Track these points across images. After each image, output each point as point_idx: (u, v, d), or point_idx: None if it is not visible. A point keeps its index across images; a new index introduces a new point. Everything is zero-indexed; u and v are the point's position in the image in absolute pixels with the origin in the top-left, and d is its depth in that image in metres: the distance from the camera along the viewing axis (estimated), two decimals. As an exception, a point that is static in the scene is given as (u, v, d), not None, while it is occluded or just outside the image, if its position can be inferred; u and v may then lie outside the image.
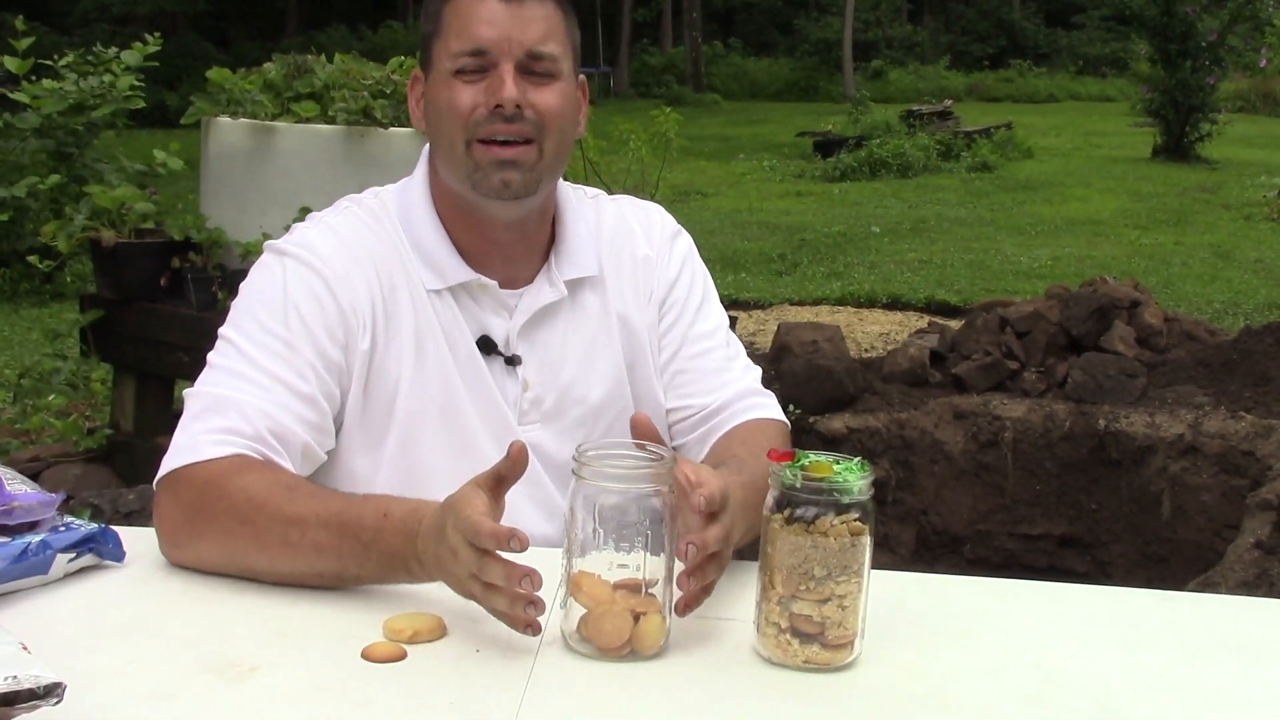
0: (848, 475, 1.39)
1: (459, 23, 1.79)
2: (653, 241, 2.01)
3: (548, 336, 1.91)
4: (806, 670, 1.40)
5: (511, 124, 1.78)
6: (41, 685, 1.17)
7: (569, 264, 1.92)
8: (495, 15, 1.78)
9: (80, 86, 7.24)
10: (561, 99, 1.82)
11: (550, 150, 1.82)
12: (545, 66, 1.80)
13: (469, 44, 1.78)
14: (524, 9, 1.79)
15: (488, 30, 1.77)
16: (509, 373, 1.89)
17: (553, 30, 1.82)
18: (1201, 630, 1.61)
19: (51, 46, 8.35)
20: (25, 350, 7.15)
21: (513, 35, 1.77)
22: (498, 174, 1.79)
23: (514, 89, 1.76)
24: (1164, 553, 4.67)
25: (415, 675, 1.36)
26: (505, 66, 1.77)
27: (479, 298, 1.88)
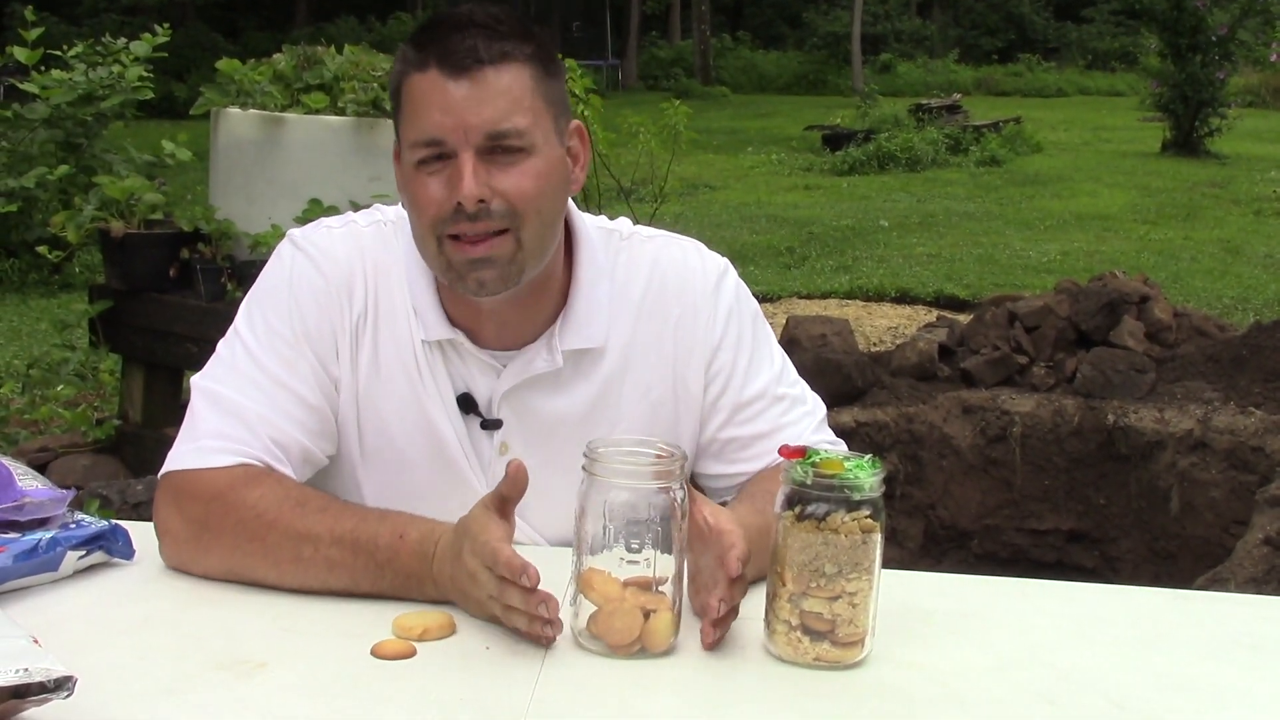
0: (859, 472, 1.39)
1: (412, 108, 1.66)
2: (690, 300, 1.85)
3: (540, 403, 1.80)
4: (817, 668, 1.40)
5: (477, 221, 1.63)
6: (52, 679, 1.17)
7: (573, 334, 1.79)
8: (448, 100, 1.62)
9: (89, 77, 7.23)
10: (535, 178, 1.65)
11: (530, 237, 1.67)
12: (511, 144, 1.63)
13: (423, 134, 1.63)
14: (476, 83, 1.62)
15: (441, 117, 1.62)
16: (485, 436, 1.80)
17: (518, 100, 1.64)
18: (1212, 628, 1.60)
19: (60, 37, 8.36)
20: (34, 341, 7.16)
21: (468, 120, 1.61)
22: (472, 274, 1.66)
23: (473, 184, 1.61)
24: (1172, 548, 4.67)
25: (425, 673, 1.35)
26: (464, 157, 1.62)
27: (462, 354, 1.78)
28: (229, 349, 1.75)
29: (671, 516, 1.40)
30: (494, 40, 1.63)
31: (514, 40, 1.65)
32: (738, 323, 1.87)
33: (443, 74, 1.62)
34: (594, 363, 1.81)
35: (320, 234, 1.81)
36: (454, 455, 1.79)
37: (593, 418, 1.80)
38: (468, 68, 1.61)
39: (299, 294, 1.75)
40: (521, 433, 1.79)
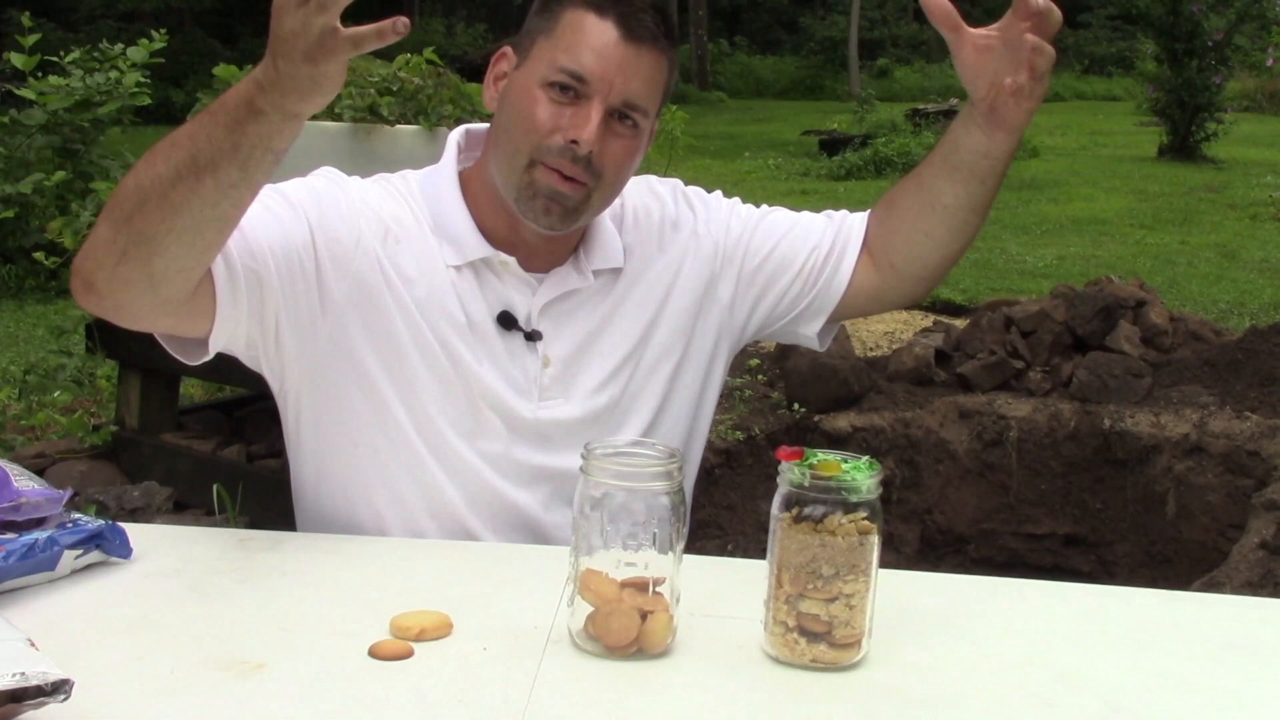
0: (856, 474, 1.39)
1: (571, 37, 1.76)
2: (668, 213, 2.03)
3: (571, 318, 1.92)
4: (814, 669, 1.40)
5: (576, 164, 1.75)
6: (49, 682, 1.17)
7: (599, 256, 1.93)
8: (609, 49, 1.75)
9: (86, 83, 7.24)
10: (631, 155, 1.81)
11: (599, 197, 1.81)
12: (632, 119, 1.79)
13: (573, 65, 1.74)
14: (639, 54, 1.76)
15: (596, 62, 1.74)
16: (529, 348, 1.88)
17: (655, 84, 1.80)
18: (1208, 630, 1.61)
19: (58, 43, 8.37)
20: (31, 347, 7.15)
21: (617, 79, 1.75)
22: (544, 200, 1.77)
23: (595, 133, 1.74)
24: (1169, 552, 4.67)
25: (422, 673, 1.36)
26: (596, 105, 1.74)
27: (500, 274, 1.87)
28: None
29: (669, 517, 1.40)
30: (665, 27, 1.79)
31: (669, 33, 1.82)
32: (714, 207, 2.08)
33: (619, 29, 1.75)
34: (613, 283, 1.96)
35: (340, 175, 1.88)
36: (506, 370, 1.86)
37: (615, 333, 1.94)
38: (640, 37, 1.76)
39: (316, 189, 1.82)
40: (558, 344, 1.89)
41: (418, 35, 29.55)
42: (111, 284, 1.59)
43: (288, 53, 1.41)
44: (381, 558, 1.72)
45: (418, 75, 4.92)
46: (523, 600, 1.55)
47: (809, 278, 2.02)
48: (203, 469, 4.48)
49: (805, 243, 2.02)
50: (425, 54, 5.15)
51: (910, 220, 1.96)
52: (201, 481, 4.37)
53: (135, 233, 1.54)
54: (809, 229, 2.04)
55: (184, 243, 1.54)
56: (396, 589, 1.57)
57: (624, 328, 1.95)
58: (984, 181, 1.86)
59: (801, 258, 2.01)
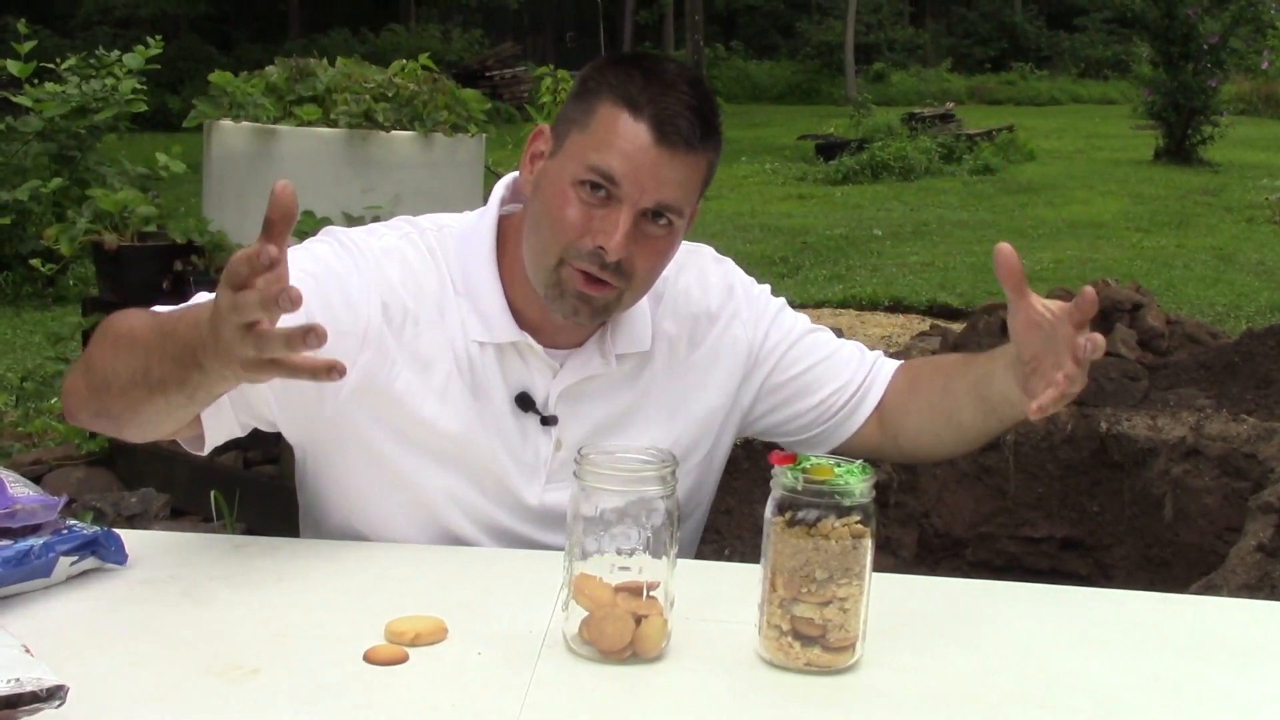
0: (849, 478, 1.39)
1: (606, 135, 1.68)
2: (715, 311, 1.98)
3: (590, 402, 1.87)
4: (808, 672, 1.40)
5: (605, 270, 1.69)
6: (44, 688, 1.17)
7: (625, 339, 1.88)
8: (643, 154, 1.67)
9: (82, 90, 7.25)
10: (664, 255, 1.76)
11: (629, 297, 1.77)
12: (666, 219, 1.72)
13: (604, 166, 1.67)
14: (674, 159, 1.68)
15: (628, 166, 1.67)
16: (543, 431, 1.85)
17: (690, 185, 1.73)
18: (1204, 633, 1.61)
19: (54, 50, 8.35)
20: (28, 354, 7.15)
21: (649, 184, 1.68)
22: (574, 301, 1.72)
23: (622, 242, 1.67)
24: (1166, 555, 4.67)
25: (417, 678, 1.36)
26: (626, 211, 1.68)
27: (525, 356, 1.83)
28: None
29: (663, 522, 1.40)
30: (703, 129, 1.71)
31: (712, 134, 1.74)
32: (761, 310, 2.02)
33: (653, 132, 1.67)
34: (639, 368, 1.91)
35: (361, 238, 1.82)
36: (518, 451, 1.84)
37: (636, 421, 1.90)
38: (676, 144, 1.68)
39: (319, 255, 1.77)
40: (574, 430, 1.86)
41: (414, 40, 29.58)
42: (93, 427, 1.68)
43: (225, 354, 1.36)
44: (376, 563, 1.72)
45: (413, 81, 4.93)
46: (517, 605, 1.55)
47: (825, 413, 2.00)
48: (199, 475, 4.48)
49: (834, 379, 2.00)
50: (421, 60, 5.16)
51: (925, 417, 1.96)
52: (198, 488, 4.37)
53: (102, 407, 1.60)
54: (843, 364, 2.01)
55: (149, 426, 1.60)
56: (391, 594, 1.57)
57: (643, 421, 1.91)
58: (1001, 421, 1.84)
59: (825, 392, 1.99)
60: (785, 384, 2.00)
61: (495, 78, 24.69)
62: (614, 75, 1.71)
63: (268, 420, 1.77)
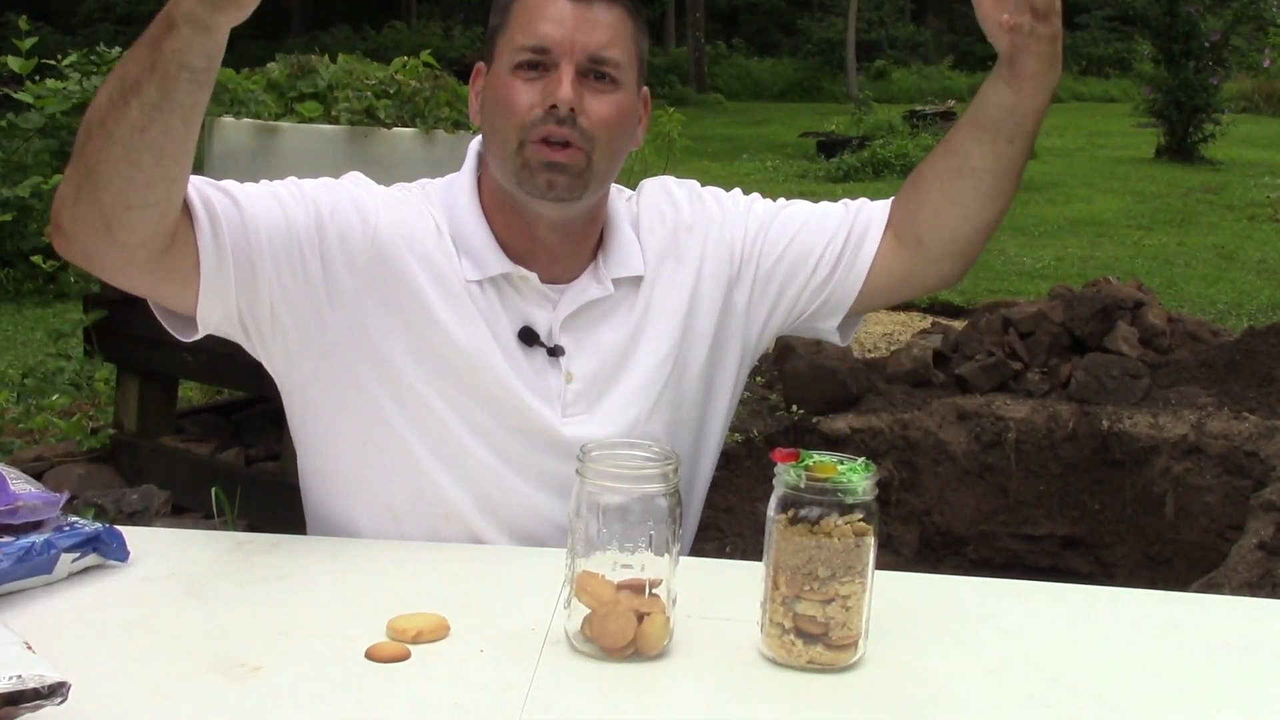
0: (852, 476, 1.39)
1: (524, 18, 1.79)
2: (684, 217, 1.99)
3: (593, 331, 1.89)
4: (810, 671, 1.40)
5: (562, 126, 1.75)
6: (46, 685, 1.17)
7: (617, 264, 1.91)
8: (562, 14, 1.77)
9: (84, 86, 7.22)
10: (617, 109, 1.80)
11: (599, 160, 1.80)
12: (607, 71, 1.79)
13: (531, 40, 1.76)
14: (591, 10, 1.78)
15: (552, 29, 1.76)
16: (551, 364, 1.87)
17: (618, 37, 1.80)
18: (1205, 631, 1.61)
19: (55, 46, 8.34)
20: (29, 350, 7.15)
21: (576, 37, 1.76)
22: (544, 174, 1.77)
23: (569, 90, 1.75)
24: (1167, 553, 4.67)
25: (419, 675, 1.36)
26: (565, 68, 1.76)
27: (521, 289, 1.86)
28: None
29: (665, 519, 1.40)
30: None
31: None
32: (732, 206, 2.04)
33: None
34: (634, 291, 1.93)
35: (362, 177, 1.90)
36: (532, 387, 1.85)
37: (638, 343, 1.92)
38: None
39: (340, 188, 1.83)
40: (580, 359, 1.88)
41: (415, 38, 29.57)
42: (74, 225, 1.59)
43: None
44: (378, 560, 1.72)
45: (415, 78, 4.92)
46: (519, 602, 1.55)
47: (826, 271, 1.97)
48: (201, 472, 4.48)
49: (821, 235, 1.97)
50: (422, 57, 5.16)
51: (938, 189, 1.90)
52: (200, 484, 4.37)
53: (84, 166, 1.56)
54: (825, 220, 1.99)
55: (123, 176, 1.53)
56: (393, 591, 1.57)
57: (649, 343, 1.92)
58: (1012, 141, 1.81)
59: (818, 251, 1.96)
60: (776, 264, 1.99)
61: (496, 75, 24.66)
62: None
63: (267, 311, 1.77)
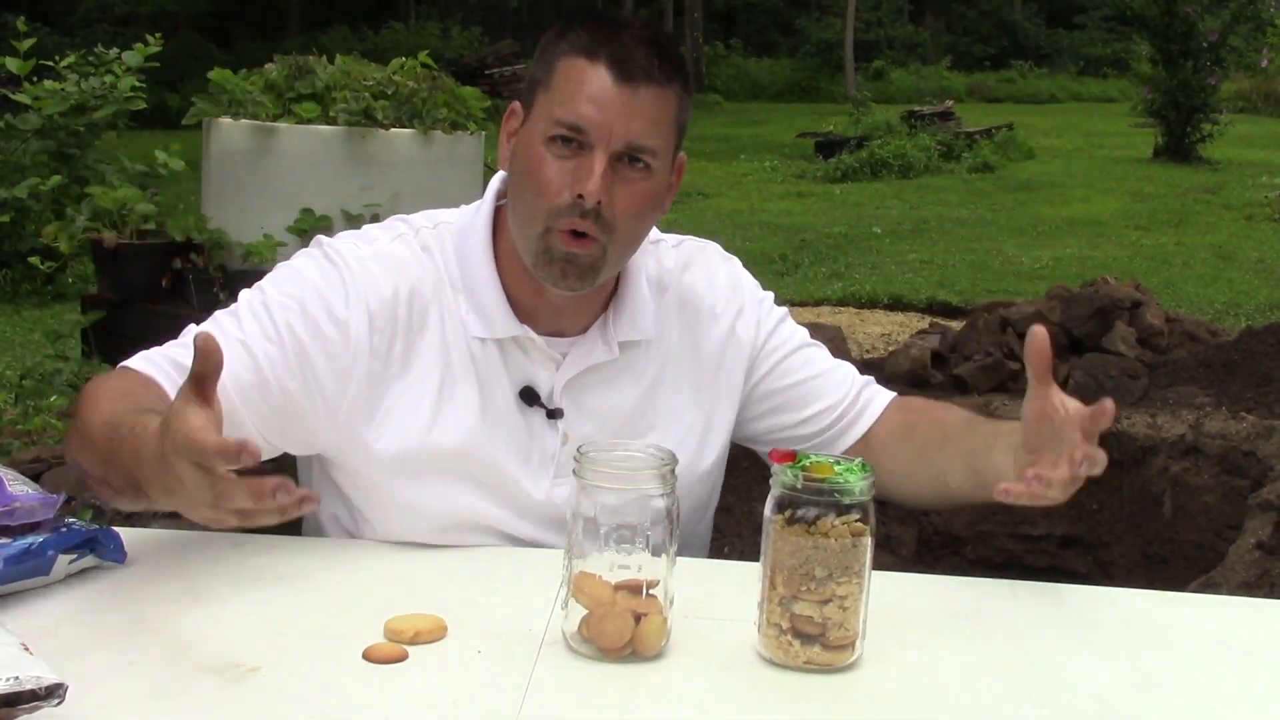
0: (848, 476, 1.39)
1: (567, 87, 1.69)
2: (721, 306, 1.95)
3: (595, 394, 1.85)
4: (808, 671, 1.40)
5: (585, 219, 1.67)
6: (43, 686, 1.17)
7: (627, 325, 1.86)
8: (605, 95, 1.67)
9: (82, 87, 7.24)
10: (644, 200, 1.72)
11: (614, 250, 1.73)
12: (641, 160, 1.70)
13: (570, 117, 1.67)
14: (637, 95, 1.67)
15: (592, 111, 1.66)
16: (549, 425, 1.82)
17: (659, 123, 1.71)
18: (1203, 631, 1.61)
19: (53, 47, 8.36)
20: (27, 351, 7.15)
21: (615, 124, 1.67)
22: (560, 264, 1.70)
23: (599, 184, 1.66)
24: (1165, 553, 4.66)
25: (416, 676, 1.36)
26: (599, 155, 1.67)
27: (526, 349, 1.81)
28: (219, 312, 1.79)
29: (662, 520, 1.40)
30: (664, 60, 1.70)
31: (675, 65, 1.73)
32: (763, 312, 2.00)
33: (611, 72, 1.67)
34: (643, 356, 1.88)
35: (349, 248, 1.80)
36: (526, 447, 1.81)
37: (642, 411, 1.88)
38: (636, 77, 1.67)
39: (308, 289, 1.75)
40: (579, 423, 1.83)
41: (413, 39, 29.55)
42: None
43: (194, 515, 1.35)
44: (375, 561, 1.71)
45: (412, 79, 4.92)
46: (517, 603, 1.55)
47: (812, 429, 1.96)
48: (199, 473, 4.47)
49: (824, 396, 1.97)
50: (420, 57, 5.16)
51: (913, 467, 1.90)
52: (197, 485, 4.36)
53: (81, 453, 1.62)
54: (833, 382, 1.98)
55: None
56: (390, 592, 1.57)
57: (653, 415, 1.89)
58: (988, 497, 1.76)
59: (815, 409, 1.96)
60: (777, 393, 1.97)
61: (494, 75, 24.66)
62: (567, 32, 1.73)
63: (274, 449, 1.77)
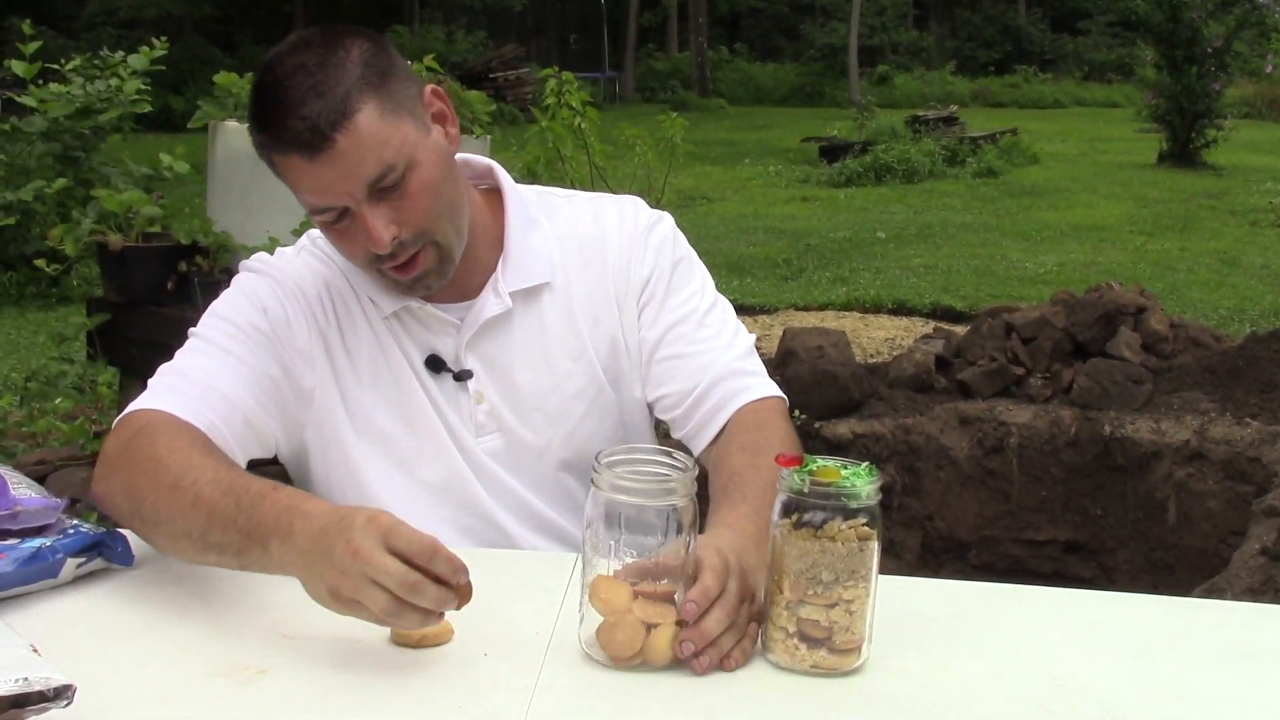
0: (855, 480, 1.39)
1: (293, 185, 1.69)
2: (625, 240, 1.94)
3: (499, 347, 1.89)
4: (814, 675, 1.40)
5: (397, 256, 1.71)
6: (51, 687, 1.17)
7: (515, 275, 1.88)
8: (319, 180, 1.64)
9: (87, 90, 7.25)
10: (427, 191, 1.70)
11: (446, 236, 1.75)
12: (392, 179, 1.66)
13: (314, 207, 1.68)
14: (339, 158, 1.62)
15: (320, 195, 1.66)
16: (460, 388, 1.87)
17: (379, 142, 1.64)
18: (1208, 637, 1.61)
19: (58, 50, 8.37)
20: (32, 354, 7.16)
21: (345, 186, 1.65)
22: (416, 287, 1.78)
23: (381, 232, 1.66)
24: (1170, 559, 4.67)
25: (423, 678, 1.36)
26: (361, 212, 1.66)
27: (422, 318, 1.86)
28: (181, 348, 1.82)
29: (681, 528, 1.39)
30: (327, 102, 1.61)
31: (342, 87, 1.63)
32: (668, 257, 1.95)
33: (302, 158, 1.63)
34: (542, 300, 1.90)
35: (269, 260, 1.91)
36: (433, 416, 1.87)
37: (551, 352, 1.90)
38: (320, 147, 1.62)
39: (253, 296, 1.84)
40: (492, 379, 1.88)
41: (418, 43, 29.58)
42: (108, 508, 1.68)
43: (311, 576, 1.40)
44: (383, 564, 1.71)
45: (418, 83, 4.91)
46: (524, 606, 1.55)
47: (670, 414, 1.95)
48: (203, 476, 4.48)
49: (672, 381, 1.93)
50: (425, 61, 5.16)
51: None
52: (202, 488, 4.36)
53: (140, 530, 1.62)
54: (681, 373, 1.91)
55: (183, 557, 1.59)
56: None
57: (559, 355, 1.91)
58: None
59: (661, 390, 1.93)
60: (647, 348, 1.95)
61: (499, 80, 24.71)
62: (254, 123, 1.69)
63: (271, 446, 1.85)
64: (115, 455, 1.66)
